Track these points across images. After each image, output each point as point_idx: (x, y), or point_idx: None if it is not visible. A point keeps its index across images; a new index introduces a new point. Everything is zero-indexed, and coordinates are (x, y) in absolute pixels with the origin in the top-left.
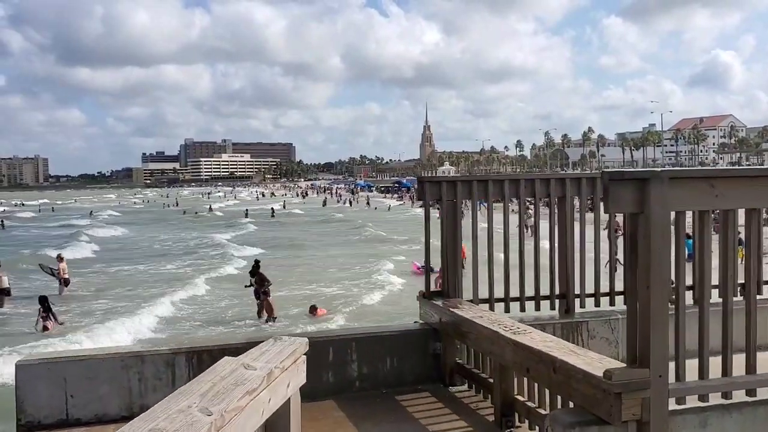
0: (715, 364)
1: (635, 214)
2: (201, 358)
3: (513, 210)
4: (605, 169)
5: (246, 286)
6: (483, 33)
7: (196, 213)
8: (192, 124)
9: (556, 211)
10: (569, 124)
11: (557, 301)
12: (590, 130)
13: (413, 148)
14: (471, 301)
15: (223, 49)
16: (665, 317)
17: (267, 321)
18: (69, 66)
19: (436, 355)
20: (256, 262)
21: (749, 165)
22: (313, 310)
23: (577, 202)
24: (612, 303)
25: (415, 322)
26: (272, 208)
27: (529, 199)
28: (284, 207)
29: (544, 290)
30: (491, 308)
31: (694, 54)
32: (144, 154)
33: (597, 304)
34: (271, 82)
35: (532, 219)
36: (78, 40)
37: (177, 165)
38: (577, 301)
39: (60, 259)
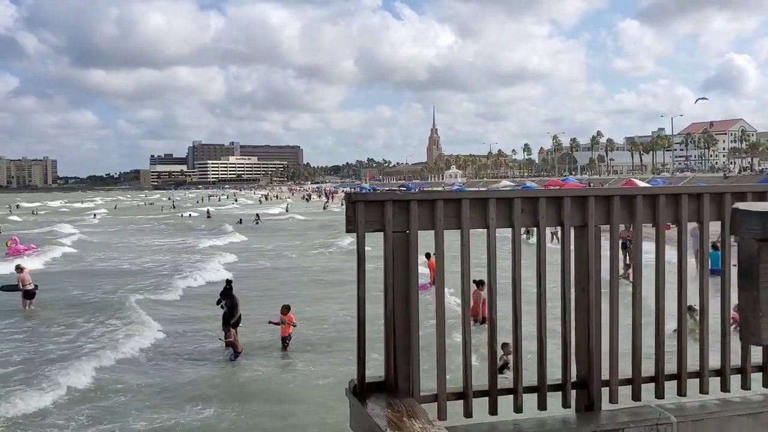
0: None
1: None
2: None
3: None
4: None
5: (217, 303)
6: (497, 36)
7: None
8: (204, 127)
9: (572, 246)
10: (581, 127)
11: (573, 393)
12: (599, 134)
13: (423, 150)
14: (436, 396)
15: (236, 52)
16: None
17: (231, 358)
18: (83, 68)
19: None
20: (228, 282)
21: (762, 170)
22: (285, 311)
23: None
24: (660, 394)
25: None
26: (257, 215)
27: (528, 229)
28: (287, 210)
29: (553, 375)
30: (467, 411)
31: (709, 58)
32: (152, 156)
33: (636, 396)
34: (283, 84)
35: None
36: (92, 42)
37: (184, 167)
38: (604, 393)
39: (19, 269)
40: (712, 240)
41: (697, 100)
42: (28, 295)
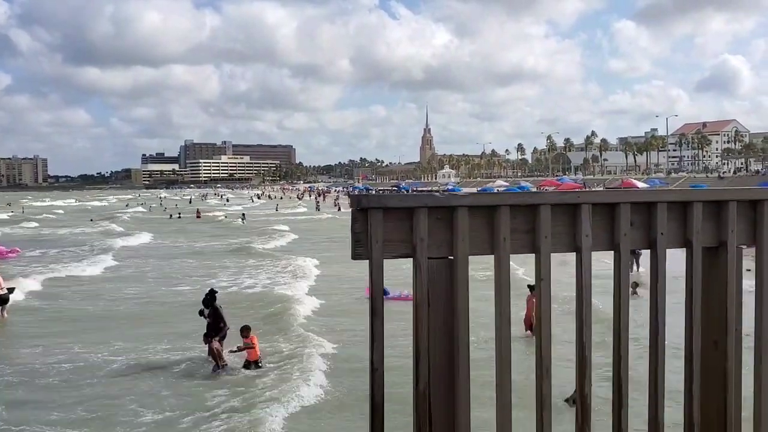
0: None
1: None
2: None
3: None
4: None
5: (199, 313)
6: (494, 36)
7: None
8: (198, 126)
9: (699, 270)
10: (575, 128)
11: None
12: (593, 134)
13: (417, 150)
14: None
15: (232, 50)
16: None
17: (213, 370)
18: (77, 66)
19: None
20: (211, 292)
21: (758, 170)
22: (246, 331)
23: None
24: None
25: None
26: (243, 214)
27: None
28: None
29: None
30: None
31: (705, 59)
32: (144, 155)
33: None
34: (278, 83)
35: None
36: (87, 40)
37: (176, 166)
38: None
39: None
40: None
41: None
42: (1, 300)
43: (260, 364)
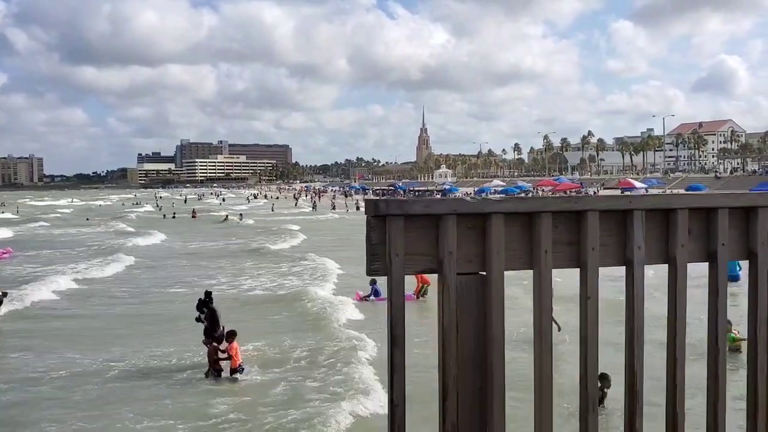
0: None
1: None
2: None
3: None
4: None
5: (196, 320)
6: (491, 36)
7: None
8: (195, 125)
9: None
10: (573, 128)
11: None
12: (590, 134)
13: (414, 150)
14: None
15: (229, 50)
16: None
17: (207, 374)
18: (74, 65)
19: None
20: (207, 294)
21: (754, 171)
22: (230, 337)
23: None
24: None
25: None
26: (240, 214)
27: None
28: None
29: None
30: None
31: (702, 59)
32: (140, 154)
33: None
34: (275, 83)
35: None
36: (84, 39)
37: (172, 166)
38: None
39: None
40: None
41: None
42: None
43: (240, 370)
